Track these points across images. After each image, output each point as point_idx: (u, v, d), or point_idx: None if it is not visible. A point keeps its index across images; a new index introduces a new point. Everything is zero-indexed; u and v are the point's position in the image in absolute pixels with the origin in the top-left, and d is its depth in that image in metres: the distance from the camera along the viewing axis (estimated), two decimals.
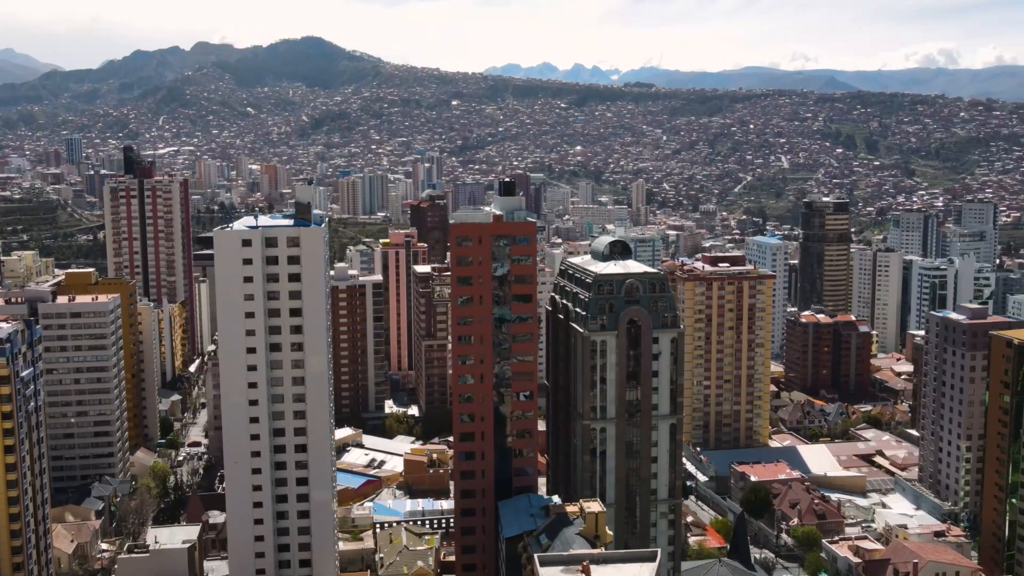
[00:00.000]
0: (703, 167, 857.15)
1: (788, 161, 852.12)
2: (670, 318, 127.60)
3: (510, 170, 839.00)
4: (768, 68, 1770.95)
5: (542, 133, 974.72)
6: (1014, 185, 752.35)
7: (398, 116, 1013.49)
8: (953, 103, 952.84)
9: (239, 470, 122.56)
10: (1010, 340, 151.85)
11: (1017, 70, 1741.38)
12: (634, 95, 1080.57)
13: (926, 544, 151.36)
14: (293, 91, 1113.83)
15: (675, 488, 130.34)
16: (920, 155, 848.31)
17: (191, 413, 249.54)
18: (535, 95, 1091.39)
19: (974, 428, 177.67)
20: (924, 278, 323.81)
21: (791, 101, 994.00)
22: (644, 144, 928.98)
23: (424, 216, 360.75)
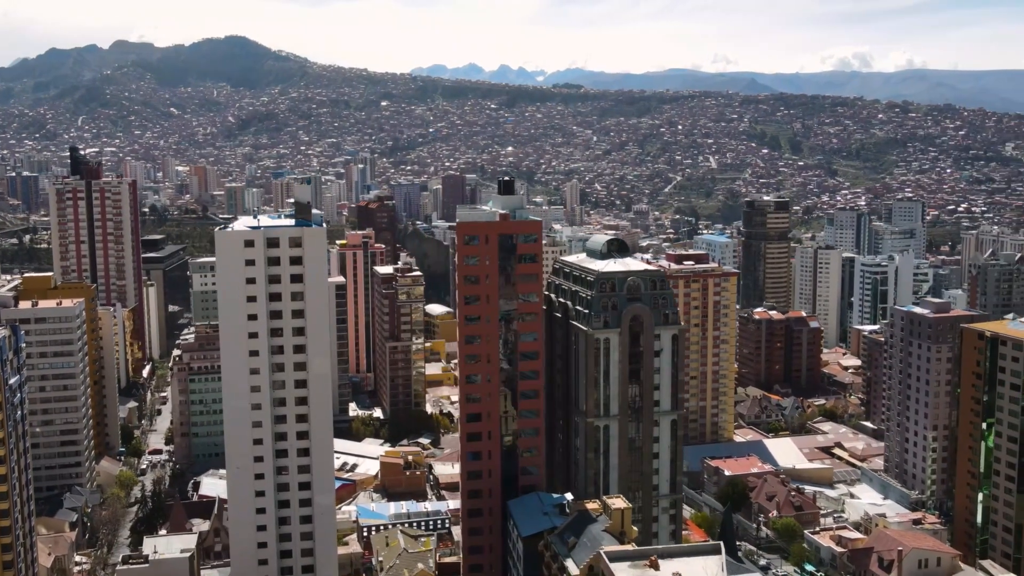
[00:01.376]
0: (633, 167, 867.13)
1: (716, 161, 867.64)
2: (671, 315, 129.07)
3: (442, 171, 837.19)
4: (691, 70, 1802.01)
5: (473, 134, 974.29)
6: (931, 184, 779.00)
7: (327, 117, 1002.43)
8: (871, 105, 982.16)
9: (241, 475, 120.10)
10: (982, 332, 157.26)
11: (927, 73, 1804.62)
12: (563, 96, 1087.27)
13: (907, 532, 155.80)
14: (218, 91, 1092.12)
15: (676, 483, 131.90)
16: (842, 155, 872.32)
17: (148, 420, 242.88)
18: (464, 96, 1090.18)
19: (940, 419, 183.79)
20: (866, 275, 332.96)
21: (717, 103, 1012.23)
22: (575, 145, 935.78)
23: (373, 217, 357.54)
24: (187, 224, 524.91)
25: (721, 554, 77.23)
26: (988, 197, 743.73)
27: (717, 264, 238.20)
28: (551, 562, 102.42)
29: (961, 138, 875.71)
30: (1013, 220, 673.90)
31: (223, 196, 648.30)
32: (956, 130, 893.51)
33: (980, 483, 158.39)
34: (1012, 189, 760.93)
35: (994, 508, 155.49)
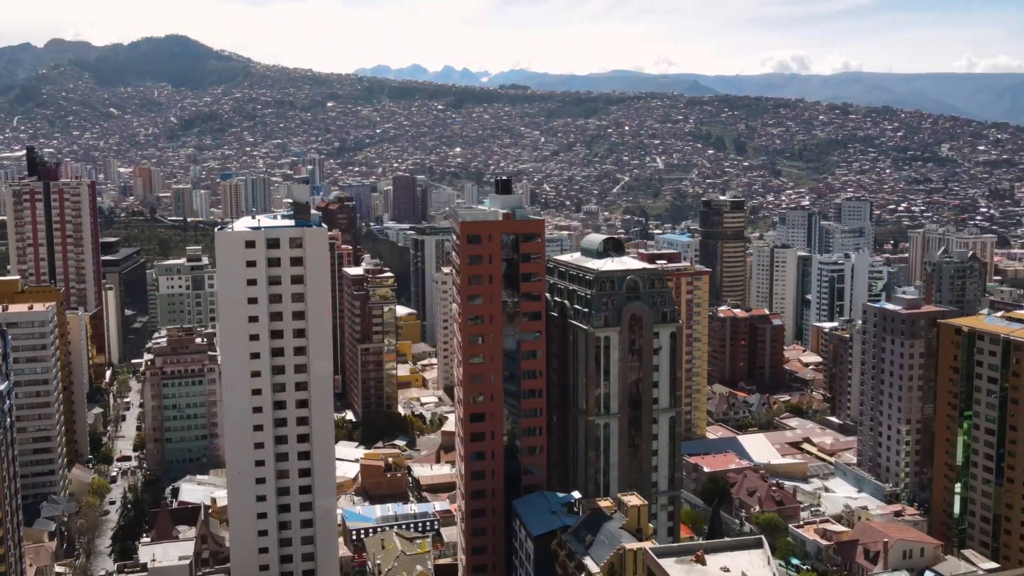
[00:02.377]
0: (582, 168, 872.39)
1: (663, 162, 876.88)
2: (669, 313, 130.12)
3: (390, 172, 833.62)
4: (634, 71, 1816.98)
5: (420, 135, 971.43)
6: (872, 184, 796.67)
7: (272, 117, 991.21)
8: (812, 107, 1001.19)
9: (243, 480, 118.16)
10: (959, 328, 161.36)
11: (863, 76, 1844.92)
12: (510, 97, 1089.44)
13: (890, 524, 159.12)
14: (159, 91, 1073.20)
15: (675, 480, 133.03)
16: (785, 156, 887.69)
17: (114, 426, 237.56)
18: (411, 96, 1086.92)
19: (913, 413, 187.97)
20: (823, 272, 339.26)
21: (663, 104, 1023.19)
22: (523, 146, 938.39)
23: (333, 218, 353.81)
24: (135, 226, 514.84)
25: (763, 548, 78.33)
26: (927, 197, 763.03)
27: (690, 263, 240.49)
28: (567, 561, 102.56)
29: (899, 139, 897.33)
30: (951, 219, 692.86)
31: (170, 198, 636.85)
32: (894, 131, 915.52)
33: (958, 475, 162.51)
34: (949, 189, 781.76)
35: (972, 499, 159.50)
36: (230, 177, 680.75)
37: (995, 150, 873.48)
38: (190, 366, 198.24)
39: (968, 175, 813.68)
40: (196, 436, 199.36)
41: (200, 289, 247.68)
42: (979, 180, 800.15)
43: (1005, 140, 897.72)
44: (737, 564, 74.94)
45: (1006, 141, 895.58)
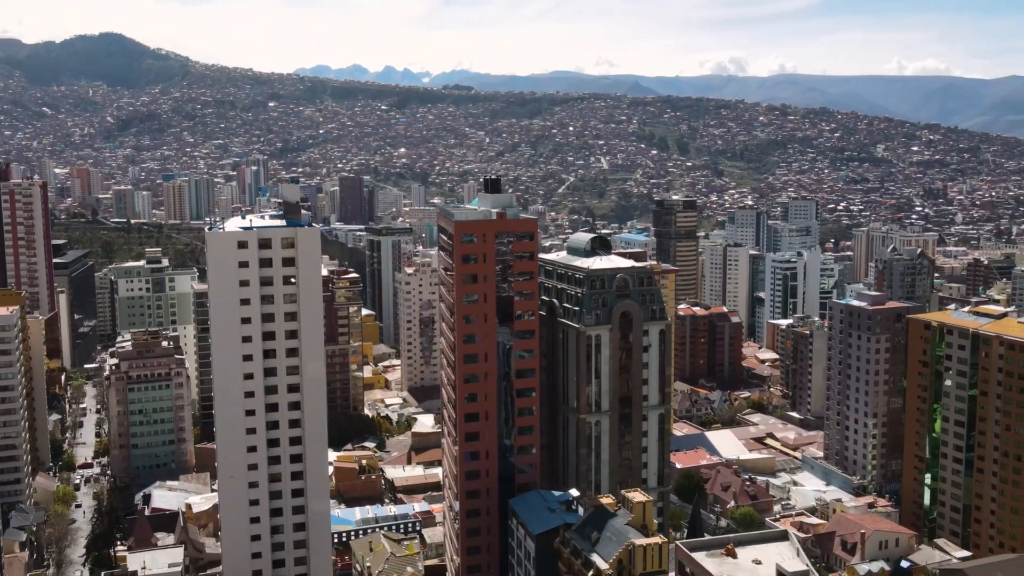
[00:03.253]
0: (527, 168, 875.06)
1: (607, 162, 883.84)
2: (658, 311, 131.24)
3: (335, 173, 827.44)
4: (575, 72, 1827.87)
5: (364, 135, 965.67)
6: (811, 184, 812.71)
7: (212, 118, 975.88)
8: (752, 108, 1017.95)
9: (235, 484, 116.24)
10: (928, 323, 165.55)
11: (798, 78, 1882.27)
12: (454, 97, 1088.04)
13: (865, 515, 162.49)
14: (94, 90, 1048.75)
15: (664, 477, 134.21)
16: (726, 156, 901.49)
17: (72, 433, 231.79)
18: (354, 97, 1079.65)
19: (879, 407, 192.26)
20: (776, 270, 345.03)
21: (606, 104, 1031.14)
22: (468, 146, 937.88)
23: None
24: (76, 228, 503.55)
25: (790, 540, 79.58)
26: (864, 196, 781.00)
27: (657, 262, 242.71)
28: (572, 558, 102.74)
29: (836, 140, 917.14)
30: (889, 218, 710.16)
31: (111, 199, 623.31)
32: (831, 132, 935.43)
33: (927, 466, 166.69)
34: (885, 188, 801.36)
35: (942, 490, 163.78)
36: (172, 178, 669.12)
37: (928, 151, 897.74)
38: (157, 370, 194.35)
39: (903, 175, 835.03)
40: (163, 441, 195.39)
41: (161, 292, 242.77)
42: (913, 180, 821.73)
43: (937, 141, 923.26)
44: (767, 556, 76.11)
45: (938, 142, 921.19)
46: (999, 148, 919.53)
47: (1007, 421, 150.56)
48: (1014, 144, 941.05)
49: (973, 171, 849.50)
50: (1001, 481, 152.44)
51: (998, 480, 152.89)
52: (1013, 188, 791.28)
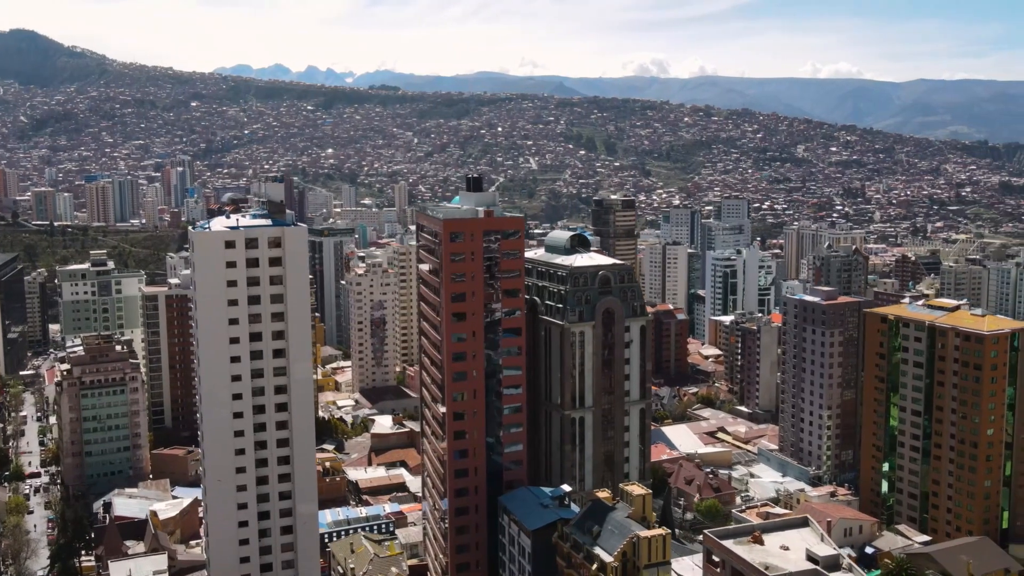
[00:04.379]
0: (456, 169, 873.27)
1: (536, 162, 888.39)
2: (638, 307, 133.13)
3: (261, 174, 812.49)
4: (500, 73, 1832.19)
5: (290, 136, 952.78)
6: (736, 184, 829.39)
7: (132, 117, 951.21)
8: (677, 109, 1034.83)
9: (223, 488, 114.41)
10: (885, 316, 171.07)
11: (718, 79, 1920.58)
12: (380, 98, 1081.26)
13: (827, 504, 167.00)
14: (5, 89, 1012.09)
15: (645, 470, 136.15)
16: (653, 156, 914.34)
17: (15, 441, 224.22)
18: (279, 97, 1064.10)
19: (834, 399, 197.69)
20: (717, 268, 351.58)
21: (533, 105, 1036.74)
22: (396, 147, 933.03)
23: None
24: None
25: (811, 526, 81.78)
26: (788, 195, 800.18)
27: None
28: (573, 552, 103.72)
29: (759, 140, 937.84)
30: (811, 216, 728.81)
31: (30, 201, 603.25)
32: (754, 133, 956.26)
33: (885, 455, 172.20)
34: (807, 188, 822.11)
35: (899, 477, 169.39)
36: (95, 179, 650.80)
37: (845, 151, 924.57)
38: (111, 375, 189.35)
39: (823, 175, 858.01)
40: (118, 448, 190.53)
41: (107, 295, 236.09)
42: (833, 179, 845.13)
43: (854, 142, 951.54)
44: (793, 542, 78.16)
45: (855, 143, 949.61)
46: (912, 149, 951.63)
47: (963, 410, 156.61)
48: (925, 145, 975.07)
49: (888, 171, 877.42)
50: (958, 468, 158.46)
51: (955, 467, 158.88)
52: (926, 187, 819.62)
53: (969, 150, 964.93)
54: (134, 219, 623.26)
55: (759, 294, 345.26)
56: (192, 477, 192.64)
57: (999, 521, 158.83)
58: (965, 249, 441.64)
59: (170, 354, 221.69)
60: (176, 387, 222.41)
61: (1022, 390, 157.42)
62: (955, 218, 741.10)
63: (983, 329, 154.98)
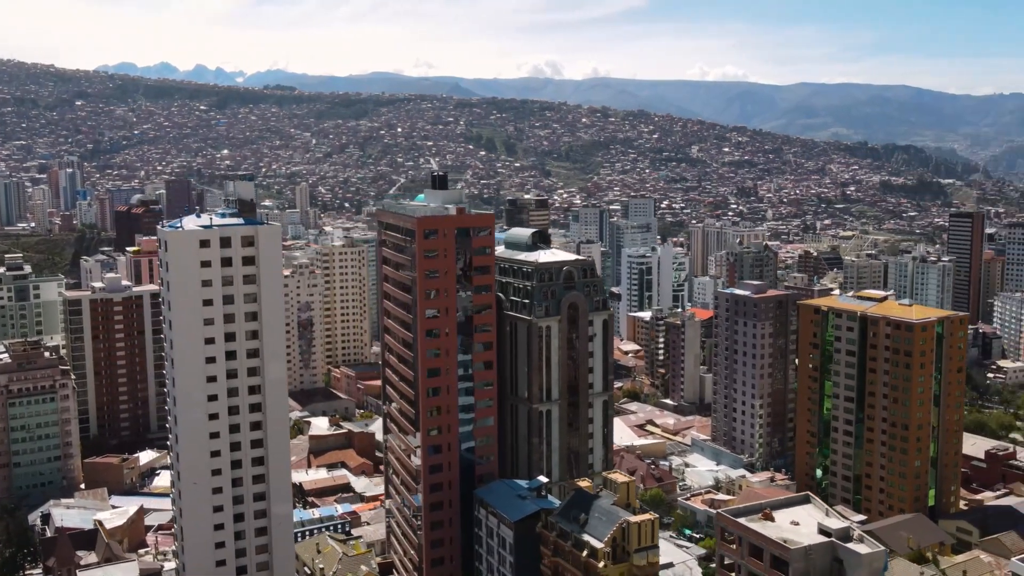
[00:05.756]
0: (357, 170, 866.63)
1: (437, 163, 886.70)
2: (601, 301, 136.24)
3: (154, 175, 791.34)
4: (394, 74, 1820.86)
5: (183, 136, 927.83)
6: (635, 183, 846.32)
7: (12, 116, 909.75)
8: (575, 110, 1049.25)
9: (198, 491, 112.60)
10: (817, 307, 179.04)
11: (611, 81, 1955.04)
12: (276, 98, 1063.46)
13: (768, 488, 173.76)
14: None
15: (608, 461, 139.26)
16: (553, 157, 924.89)
17: None
18: (169, 96, 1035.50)
19: (765, 388, 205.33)
20: (632, 265, 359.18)
21: (432, 106, 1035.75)
22: (294, 148, 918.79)
23: (138, 224, 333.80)
24: None
25: (812, 502, 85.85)
26: (684, 194, 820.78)
27: None
28: (560, 541, 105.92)
29: (655, 141, 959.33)
30: (708, 215, 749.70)
31: None
32: (650, 134, 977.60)
33: (819, 440, 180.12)
34: (703, 187, 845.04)
35: (833, 461, 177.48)
36: None
37: (737, 151, 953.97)
38: (40, 382, 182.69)
39: (717, 174, 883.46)
40: (48, 458, 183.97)
41: (24, 300, 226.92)
42: (727, 179, 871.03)
43: (745, 143, 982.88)
44: (800, 517, 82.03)
45: (746, 143, 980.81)
46: (798, 149, 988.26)
47: (894, 395, 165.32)
48: (811, 146, 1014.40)
49: (778, 170, 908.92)
50: (889, 450, 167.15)
51: (887, 449, 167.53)
52: (814, 186, 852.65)
53: (851, 151, 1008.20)
54: (22, 223, 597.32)
55: (673, 290, 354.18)
56: (128, 485, 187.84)
57: (927, 499, 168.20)
58: (860, 245, 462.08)
59: (95, 360, 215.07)
60: (102, 394, 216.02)
61: (947, 375, 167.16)
62: (842, 216, 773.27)
63: (912, 318, 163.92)
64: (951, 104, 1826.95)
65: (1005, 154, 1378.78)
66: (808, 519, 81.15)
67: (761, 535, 77.37)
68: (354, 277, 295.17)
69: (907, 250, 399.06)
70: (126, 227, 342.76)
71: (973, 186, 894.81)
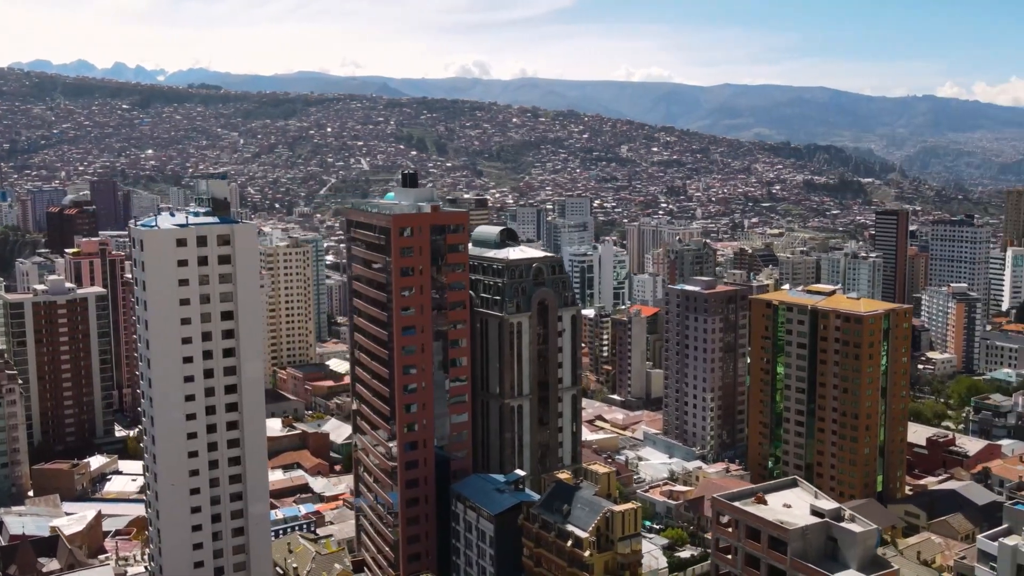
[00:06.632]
0: (286, 170, 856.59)
1: (368, 163, 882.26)
2: (569, 297, 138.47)
3: (76, 176, 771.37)
4: (321, 73, 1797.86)
5: (105, 136, 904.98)
6: (566, 183, 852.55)
7: None
8: (505, 110, 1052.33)
9: (176, 492, 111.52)
10: (769, 302, 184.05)
11: (539, 82, 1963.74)
12: (201, 97, 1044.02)
13: (725, 479, 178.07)
14: None
15: (577, 454, 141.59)
16: (484, 157, 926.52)
17: None
18: (90, 95, 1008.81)
19: (716, 382, 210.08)
20: (573, 263, 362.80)
21: (362, 106, 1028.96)
22: (221, 147, 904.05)
23: (72, 225, 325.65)
24: None
25: (800, 485, 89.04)
26: (615, 194, 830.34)
27: None
28: (543, 532, 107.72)
29: (585, 141, 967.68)
30: (639, 214, 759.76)
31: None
32: (580, 134, 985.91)
33: (771, 431, 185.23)
34: (633, 187, 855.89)
35: (785, 450, 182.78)
36: None
37: (666, 151, 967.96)
38: None
39: (647, 174, 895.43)
40: None
41: None
42: (656, 178, 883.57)
43: (673, 142, 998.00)
44: (791, 500, 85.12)
45: (674, 143, 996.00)
46: (725, 149, 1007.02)
47: (844, 385, 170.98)
48: (737, 146, 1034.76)
49: (706, 170, 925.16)
50: (840, 438, 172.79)
51: (837, 438, 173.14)
52: (741, 185, 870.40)
53: (775, 150, 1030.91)
54: None
55: (614, 288, 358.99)
56: (80, 491, 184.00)
57: (875, 485, 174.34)
58: (791, 242, 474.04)
59: (39, 364, 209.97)
60: (46, 399, 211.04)
61: (892, 365, 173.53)
62: (768, 214, 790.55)
63: (861, 311, 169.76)
64: (867, 105, 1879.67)
65: (919, 154, 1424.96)
66: (799, 501, 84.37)
67: (759, 517, 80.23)
68: (299, 277, 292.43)
69: (837, 247, 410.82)
70: (58, 228, 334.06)
71: (891, 185, 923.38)
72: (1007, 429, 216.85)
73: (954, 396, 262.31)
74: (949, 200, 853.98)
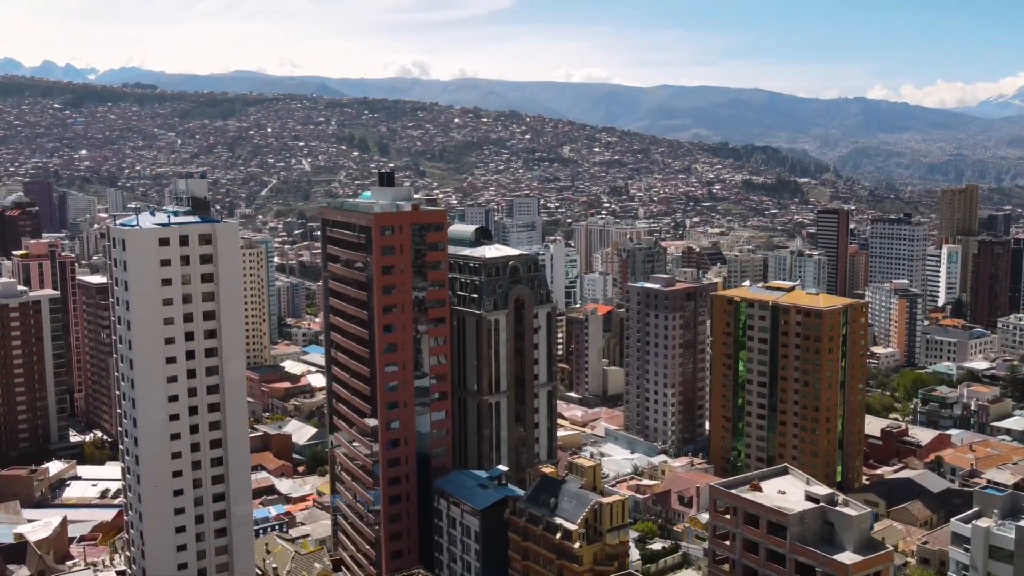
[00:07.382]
0: (226, 171, 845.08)
1: (309, 164, 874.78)
2: (544, 294, 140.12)
3: (7, 177, 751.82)
4: (258, 73, 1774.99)
5: (36, 136, 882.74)
6: (509, 184, 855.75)
7: None
8: (447, 110, 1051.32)
9: (160, 493, 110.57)
10: (730, 298, 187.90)
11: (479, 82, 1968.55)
12: (137, 96, 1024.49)
13: (692, 472, 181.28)
14: None
15: (553, 450, 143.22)
16: (427, 157, 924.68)
17: None
18: (19, 93, 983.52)
19: (676, 377, 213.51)
20: None
21: (302, 106, 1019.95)
22: (158, 148, 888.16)
23: (13, 227, 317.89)
24: None
25: (790, 473, 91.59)
26: (559, 194, 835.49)
27: None
28: (530, 526, 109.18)
29: (527, 141, 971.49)
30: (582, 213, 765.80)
31: None
32: (522, 134, 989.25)
33: (733, 424, 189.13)
34: (576, 187, 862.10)
35: (747, 443, 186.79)
36: None
37: (607, 151, 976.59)
38: None
39: (589, 174, 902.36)
40: None
41: None
42: (598, 178, 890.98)
43: (614, 143, 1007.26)
44: (785, 487, 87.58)
45: (615, 144, 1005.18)
46: (665, 149, 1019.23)
47: (805, 378, 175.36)
48: (677, 146, 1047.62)
49: (647, 170, 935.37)
50: (801, 431, 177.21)
51: (798, 430, 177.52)
52: (682, 185, 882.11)
53: (714, 151, 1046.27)
54: None
55: (566, 287, 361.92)
56: (39, 497, 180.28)
57: (835, 476, 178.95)
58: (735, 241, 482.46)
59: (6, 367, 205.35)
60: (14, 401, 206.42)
61: (851, 359, 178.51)
62: (709, 214, 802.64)
63: (820, 306, 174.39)
64: (801, 107, 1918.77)
65: (851, 154, 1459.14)
66: (792, 488, 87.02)
67: (758, 504, 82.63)
68: (252, 279, 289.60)
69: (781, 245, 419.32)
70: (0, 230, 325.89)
71: (826, 184, 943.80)
72: (953, 419, 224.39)
73: (900, 389, 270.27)
74: (882, 199, 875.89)
